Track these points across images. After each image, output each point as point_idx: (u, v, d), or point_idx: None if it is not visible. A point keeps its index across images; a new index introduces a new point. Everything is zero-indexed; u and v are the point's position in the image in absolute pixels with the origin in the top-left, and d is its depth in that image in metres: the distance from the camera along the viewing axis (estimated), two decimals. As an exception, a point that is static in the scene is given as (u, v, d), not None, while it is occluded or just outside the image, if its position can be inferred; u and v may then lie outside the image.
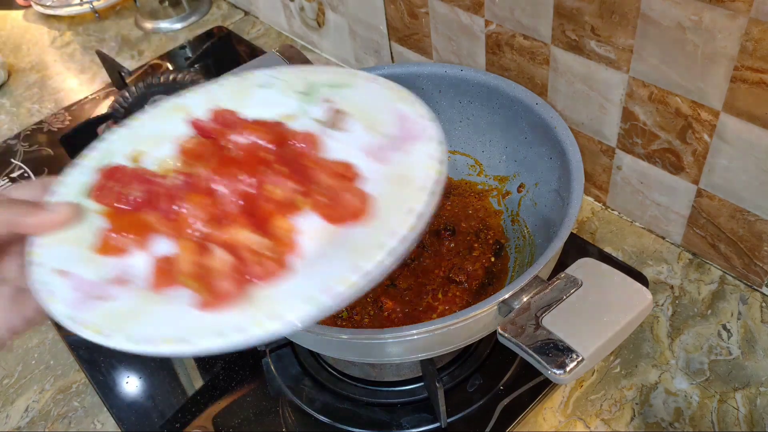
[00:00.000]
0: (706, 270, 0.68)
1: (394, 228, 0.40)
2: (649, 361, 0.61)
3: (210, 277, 0.39)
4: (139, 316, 0.39)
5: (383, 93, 0.52)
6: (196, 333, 0.36)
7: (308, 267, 0.40)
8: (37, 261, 0.42)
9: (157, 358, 0.67)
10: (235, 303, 0.38)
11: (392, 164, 0.46)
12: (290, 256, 0.41)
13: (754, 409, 0.57)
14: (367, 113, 0.51)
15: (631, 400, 0.59)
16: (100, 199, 0.46)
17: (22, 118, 1.05)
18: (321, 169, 0.45)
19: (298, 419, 0.60)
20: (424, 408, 0.59)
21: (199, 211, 0.42)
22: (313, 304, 0.36)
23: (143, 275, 0.42)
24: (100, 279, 0.41)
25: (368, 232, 0.40)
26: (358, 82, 0.54)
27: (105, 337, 0.37)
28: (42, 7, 1.23)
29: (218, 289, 0.38)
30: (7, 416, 0.65)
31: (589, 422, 0.58)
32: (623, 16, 0.59)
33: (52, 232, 0.43)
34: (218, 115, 0.51)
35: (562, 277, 0.44)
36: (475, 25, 0.74)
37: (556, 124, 0.55)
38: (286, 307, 0.37)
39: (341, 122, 0.51)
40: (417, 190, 0.42)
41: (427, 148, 0.46)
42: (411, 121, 0.49)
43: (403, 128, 0.49)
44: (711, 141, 0.60)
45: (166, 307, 0.39)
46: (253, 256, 0.40)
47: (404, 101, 0.51)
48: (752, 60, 0.52)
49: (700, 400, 0.58)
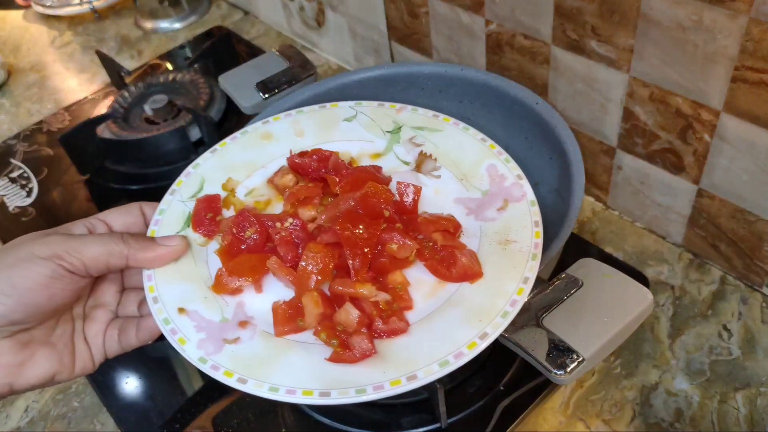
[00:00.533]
0: (706, 270, 0.68)
1: (510, 294, 0.41)
2: (649, 361, 0.61)
3: (340, 331, 0.40)
4: (272, 363, 0.40)
5: (474, 145, 0.53)
6: (336, 387, 0.38)
7: (427, 324, 0.41)
8: (159, 297, 0.43)
9: (156, 359, 0.67)
10: (368, 359, 0.39)
11: (491, 222, 0.47)
12: (407, 311, 0.42)
13: (755, 410, 0.57)
14: (458, 163, 0.52)
15: (631, 400, 0.59)
16: (206, 232, 0.48)
17: (21, 118, 1.05)
18: (431, 225, 0.46)
19: (297, 419, 0.60)
20: (424, 408, 0.59)
21: (320, 261, 0.43)
22: (446, 367, 0.38)
23: (262, 317, 0.43)
24: (222, 319, 0.43)
25: (484, 295, 0.42)
26: (448, 129, 0.54)
27: (239, 382, 0.39)
28: (42, 7, 1.23)
29: (352, 344, 0.40)
30: (7, 416, 0.65)
31: (589, 423, 0.58)
32: (624, 15, 0.59)
33: (163, 266, 0.45)
34: (318, 154, 0.52)
35: (563, 278, 0.44)
36: (475, 24, 0.74)
37: (556, 123, 0.55)
38: (421, 368, 0.38)
39: (428, 167, 0.52)
40: (522, 254, 0.44)
41: (524, 209, 0.47)
42: (504, 178, 0.50)
43: (497, 185, 0.50)
44: (711, 141, 0.60)
45: (300, 357, 0.40)
46: (378, 311, 0.41)
47: (497, 156, 0.51)
48: (752, 60, 0.52)
49: (700, 401, 0.58)
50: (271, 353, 0.41)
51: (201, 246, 0.48)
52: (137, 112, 0.97)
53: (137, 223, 0.48)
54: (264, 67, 0.66)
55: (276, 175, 0.53)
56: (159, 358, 0.67)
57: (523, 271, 0.42)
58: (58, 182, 0.90)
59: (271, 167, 0.54)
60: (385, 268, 0.44)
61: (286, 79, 0.64)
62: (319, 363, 0.40)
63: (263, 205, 0.52)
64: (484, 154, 0.52)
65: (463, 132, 0.53)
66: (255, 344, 0.41)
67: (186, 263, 0.46)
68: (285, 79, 0.64)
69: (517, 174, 0.49)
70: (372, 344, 0.40)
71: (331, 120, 0.57)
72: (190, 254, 0.46)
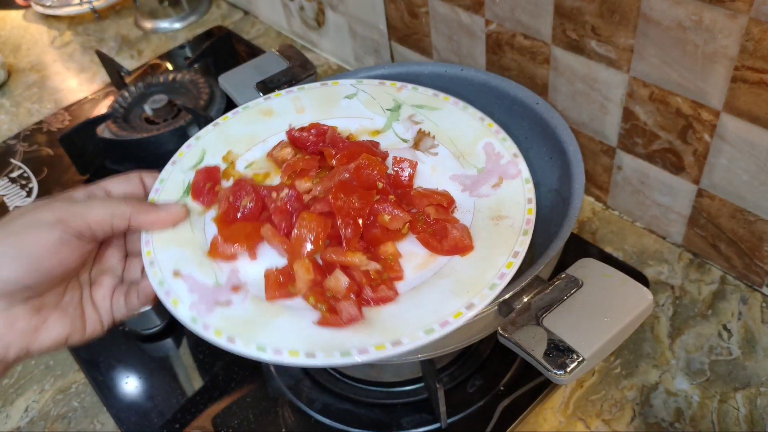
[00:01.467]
0: (706, 270, 0.68)
1: (500, 267, 0.42)
2: (649, 361, 0.61)
3: (329, 296, 0.41)
4: (261, 325, 0.41)
5: (472, 123, 0.53)
6: (322, 349, 0.39)
7: (416, 294, 0.42)
8: (156, 261, 0.45)
9: (156, 359, 0.67)
10: (355, 324, 0.40)
11: (485, 199, 0.48)
12: (397, 281, 0.43)
13: (755, 410, 0.57)
14: (455, 141, 0.53)
15: (631, 400, 0.59)
16: (204, 201, 0.49)
17: (21, 118, 1.05)
18: (425, 198, 0.47)
19: (297, 420, 0.60)
20: (424, 408, 0.59)
21: (313, 229, 0.44)
22: (431, 334, 0.39)
23: (254, 283, 0.44)
24: (215, 283, 0.44)
25: (474, 268, 0.43)
26: (447, 107, 0.54)
27: (228, 341, 0.40)
28: (42, 7, 1.23)
29: (340, 309, 0.40)
30: (7, 416, 0.65)
31: (589, 422, 0.58)
32: (624, 15, 0.59)
33: (163, 229, 0.47)
34: (316, 129, 0.53)
35: (563, 278, 0.44)
36: (475, 24, 0.74)
37: (556, 123, 0.55)
38: (406, 334, 0.39)
39: (426, 144, 0.52)
40: (513, 230, 0.45)
41: (518, 186, 0.48)
42: (501, 156, 0.51)
43: (493, 162, 0.51)
44: (711, 141, 0.60)
45: (289, 320, 0.41)
46: (368, 280, 0.42)
47: (494, 134, 0.52)
48: (753, 60, 0.52)
49: (700, 401, 0.58)
50: (261, 316, 0.42)
51: (199, 215, 0.49)
52: (137, 112, 0.97)
53: (137, 192, 0.49)
54: (264, 67, 0.66)
55: (275, 148, 0.53)
56: (159, 358, 0.67)
57: (513, 246, 0.43)
58: (58, 182, 0.90)
59: (271, 141, 0.55)
60: (377, 239, 0.45)
61: (286, 79, 0.64)
62: (307, 327, 0.40)
63: (262, 178, 0.52)
64: (481, 133, 0.52)
65: (462, 111, 0.54)
66: (246, 307, 0.42)
67: (183, 230, 0.47)
68: (285, 79, 0.64)
69: (514, 152, 0.50)
70: (359, 310, 0.40)
71: (331, 97, 0.58)
72: (187, 221, 0.48)
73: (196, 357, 0.67)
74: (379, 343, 0.38)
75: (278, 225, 0.46)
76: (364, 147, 0.50)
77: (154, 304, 0.46)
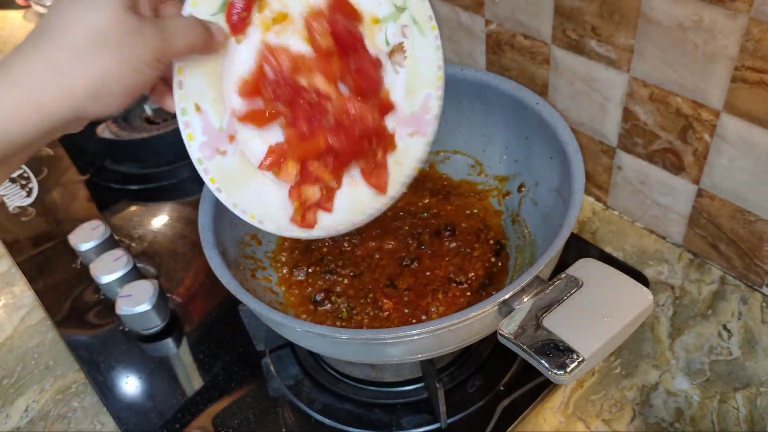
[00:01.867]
0: (706, 270, 0.68)
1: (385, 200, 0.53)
2: (649, 361, 0.61)
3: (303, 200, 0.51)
4: (244, 185, 0.49)
5: (432, 68, 0.55)
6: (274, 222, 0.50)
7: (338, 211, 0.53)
8: (184, 83, 0.46)
9: (156, 359, 0.67)
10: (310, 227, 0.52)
11: (399, 140, 0.54)
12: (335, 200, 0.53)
13: (755, 410, 0.57)
14: (415, 75, 0.55)
15: (631, 400, 0.59)
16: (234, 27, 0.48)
17: (21, 118, 1.04)
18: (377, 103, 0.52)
19: (297, 420, 0.60)
20: (424, 408, 0.59)
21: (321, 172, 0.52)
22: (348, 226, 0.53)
23: (244, 140, 0.49)
24: (220, 128, 0.48)
25: (373, 198, 0.54)
26: (430, 39, 0.55)
27: (216, 190, 0.48)
28: (42, 7, 1.23)
29: (307, 217, 0.51)
30: (7, 416, 0.65)
31: (589, 422, 0.58)
32: (624, 15, 0.59)
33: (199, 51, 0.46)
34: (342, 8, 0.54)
35: (563, 278, 0.44)
36: (475, 24, 0.74)
37: (556, 123, 0.55)
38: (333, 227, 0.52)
39: (397, 59, 0.55)
40: (401, 177, 0.54)
41: (421, 144, 0.54)
42: (427, 111, 0.54)
43: (422, 113, 0.54)
44: (711, 141, 0.60)
45: (268, 190, 0.51)
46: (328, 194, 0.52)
47: (436, 89, 0.54)
48: (753, 60, 0.52)
49: (700, 401, 0.58)
50: (250, 179, 0.49)
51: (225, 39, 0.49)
52: (137, 111, 0.97)
53: None
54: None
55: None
56: (159, 358, 0.67)
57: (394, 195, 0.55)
58: (58, 182, 0.90)
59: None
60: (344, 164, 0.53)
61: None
62: (280, 208, 0.50)
63: (280, 18, 0.50)
64: (431, 81, 0.54)
65: (435, 51, 0.54)
66: (233, 161, 0.48)
67: (212, 58, 0.47)
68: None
69: (435, 114, 0.54)
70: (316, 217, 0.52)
71: None
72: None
73: (196, 357, 0.67)
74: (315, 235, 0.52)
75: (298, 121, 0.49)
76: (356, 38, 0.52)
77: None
